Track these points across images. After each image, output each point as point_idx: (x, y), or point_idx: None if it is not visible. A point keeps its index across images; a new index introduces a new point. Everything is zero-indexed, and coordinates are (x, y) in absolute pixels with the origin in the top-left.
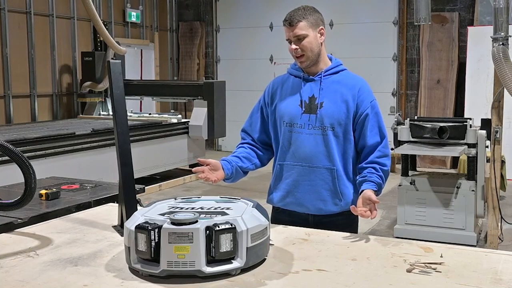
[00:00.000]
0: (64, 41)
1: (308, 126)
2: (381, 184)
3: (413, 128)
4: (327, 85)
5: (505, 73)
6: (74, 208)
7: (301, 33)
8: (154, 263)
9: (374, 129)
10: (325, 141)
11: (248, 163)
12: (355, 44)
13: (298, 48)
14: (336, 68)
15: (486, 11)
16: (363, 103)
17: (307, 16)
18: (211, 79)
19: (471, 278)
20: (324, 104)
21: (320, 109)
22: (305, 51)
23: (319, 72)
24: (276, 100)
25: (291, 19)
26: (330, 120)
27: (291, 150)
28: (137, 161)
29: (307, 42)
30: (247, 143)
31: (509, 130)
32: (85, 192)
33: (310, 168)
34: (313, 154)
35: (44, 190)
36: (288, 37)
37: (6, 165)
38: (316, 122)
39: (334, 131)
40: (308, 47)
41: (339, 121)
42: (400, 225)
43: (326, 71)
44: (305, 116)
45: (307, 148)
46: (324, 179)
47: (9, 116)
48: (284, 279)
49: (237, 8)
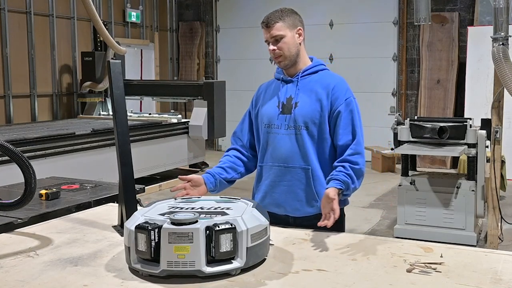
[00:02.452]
0: (64, 41)
1: (285, 126)
2: (348, 183)
3: (413, 128)
4: (303, 85)
5: (505, 73)
6: (74, 208)
7: (278, 34)
8: (154, 263)
9: (347, 128)
10: (299, 140)
11: (233, 173)
12: (355, 44)
13: (276, 49)
14: (315, 68)
15: (486, 11)
16: (337, 101)
17: (284, 17)
18: (211, 79)
19: (471, 278)
20: (298, 104)
21: (294, 109)
22: (283, 51)
23: (298, 72)
24: (259, 104)
25: (268, 20)
26: (304, 119)
27: (269, 151)
28: (137, 161)
29: (284, 43)
30: (234, 149)
31: (509, 130)
32: (85, 192)
33: (286, 169)
34: (288, 154)
35: (44, 190)
36: (266, 38)
37: (6, 165)
38: (291, 122)
39: (308, 131)
40: (286, 48)
41: (313, 119)
42: (400, 225)
43: (304, 71)
44: (282, 116)
45: (283, 148)
46: (300, 179)
47: (9, 116)
48: (284, 279)
49: (237, 8)
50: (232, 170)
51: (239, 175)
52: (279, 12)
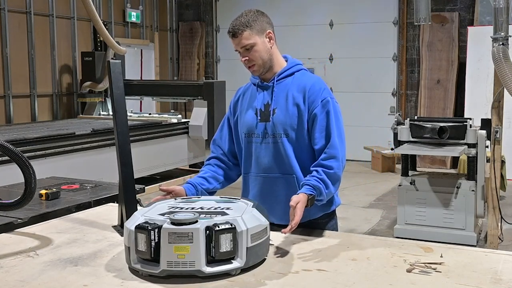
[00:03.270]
0: (64, 41)
1: (265, 135)
2: (320, 188)
3: (413, 128)
4: (279, 90)
5: (505, 73)
6: (74, 208)
7: (248, 43)
8: (154, 263)
9: (322, 132)
10: (280, 148)
11: (215, 183)
12: (355, 44)
13: (247, 58)
14: (290, 70)
15: (486, 11)
16: (314, 103)
17: (251, 23)
18: (211, 79)
19: (471, 278)
20: (276, 111)
21: (273, 116)
22: (255, 60)
23: (273, 76)
24: (238, 111)
25: (234, 30)
26: (283, 126)
27: (253, 161)
28: (137, 161)
29: (255, 51)
30: (215, 157)
31: (509, 130)
32: (85, 192)
33: (271, 178)
34: (271, 163)
35: (44, 190)
36: (236, 48)
37: (6, 165)
38: (270, 130)
39: (288, 137)
40: (258, 56)
41: (292, 125)
42: (400, 225)
43: (279, 75)
44: (261, 125)
45: (266, 158)
46: (285, 188)
47: (9, 116)
48: (284, 279)
49: (237, 8)
50: (214, 180)
51: (221, 185)
52: (244, 17)
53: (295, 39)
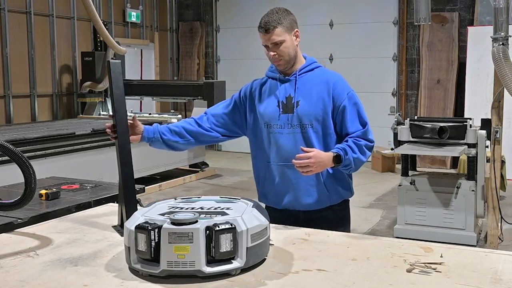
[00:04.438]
0: (64, 41)
1: (288, 125)
2: (346, 150)
3: (413, 128)
4: (302, 83)
5: (505, 73)
6: (74, 208)
7: (278, 39)
8: (154, 263)
9: (355, 120)
10: (305, 138)
11: (178, 138)
12: (355, 44)
13: (276, 53)
14: (310, 66)
15: (486, 11)
16: (339, 96)
17: (282, 20)
18: (211, 79)
19: (471, 278)
20: (300, 103)
21: (296, 107)
22: (283, 56)
23: (294, 71)
24: (255, 102)
25: (267, 25)
26: (308, 117)
27: (273, 151)
28: (137, 161)
29: (284, 47)
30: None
31: (509, 130)
32: (85, 192)
33: (292, 167)
34: (295, 152)
35: (44, 190)
36: (265, 43)
37: (6, 165)
38: (294, 121)
39: (313, 128)
40: (286, 52)
41: (317, 117)
42: (400, 225)
43: (301, 70)
44: (284, 116)
45: (289, 147)
46: (309, 176)
47: (9, 116)
48: (284, 279)
49: (237, 8)
50: (178, 135)
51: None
52: (275, 14)
53: None
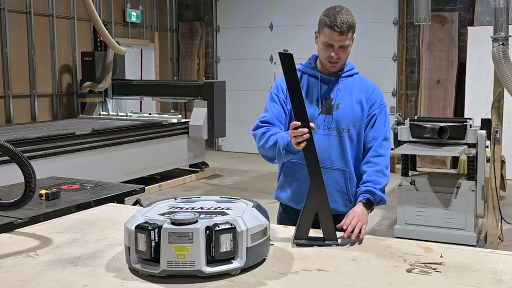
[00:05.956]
0: (64, 41)
1: (324, 127)
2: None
3: (413, 128)
4: (343, 87)
5: (505, 73)
6: (74, 208)
7: (348, 43)
8: (154, 263)
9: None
10: (340, 142)
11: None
12: (355, 44)
13: (339, 55)
14: (352, 71)
15: (486, 11)
16: (374, 105)
17: (354, 25)
18: (211, 79)
19: (471, 278)
20: (340, 106)
21: (336, 110)
22: (343, 59)
23: (337, 73)
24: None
25: (343, 28)
26: (346, 121)
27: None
28: (137, 161)
29: (347, 51)
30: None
31: (509, 130)
32: (85, 192)
33: (322, 169)
34: (326, 155)
35: (44, 190)
36: (333, 43)
37: (6, 165)
38: (332, 123)
39: (349, 133)
40: (346, 56)
41: (354, 123)
42: (400, 225)
43: (344, 73)
44: (321, 116)
45: (321, 148)
46: (336, 181)
47: (9, 116)
48: (284, 279)
49: (237, 8)
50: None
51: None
52: (350, 17)
53: (295, 39)
